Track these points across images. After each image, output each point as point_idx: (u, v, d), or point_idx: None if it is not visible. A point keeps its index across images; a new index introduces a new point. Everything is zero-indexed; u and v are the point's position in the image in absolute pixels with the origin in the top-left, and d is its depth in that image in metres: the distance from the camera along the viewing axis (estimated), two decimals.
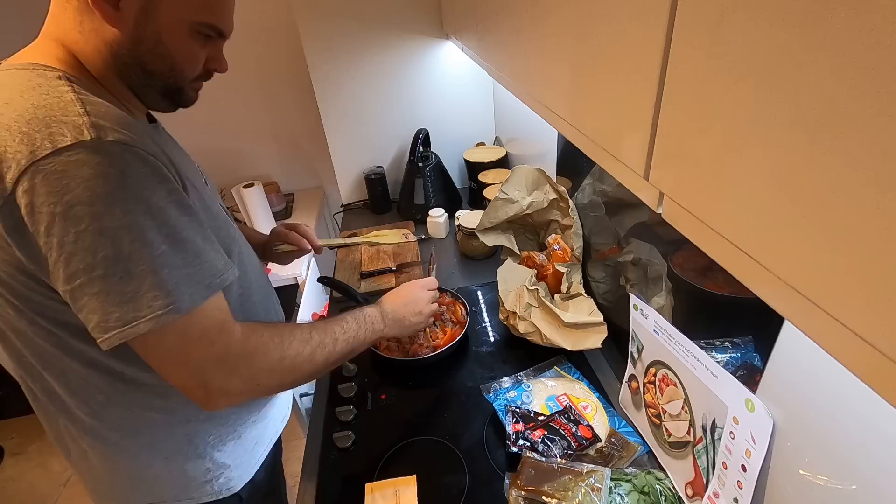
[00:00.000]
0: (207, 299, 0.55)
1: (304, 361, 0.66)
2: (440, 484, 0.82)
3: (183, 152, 0.74)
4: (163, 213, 0.52)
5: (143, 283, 0.50)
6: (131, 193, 0.49)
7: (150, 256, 0.50)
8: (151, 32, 0.56)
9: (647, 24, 0.33)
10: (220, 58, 0.66)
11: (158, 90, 0.62)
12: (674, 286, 0.74)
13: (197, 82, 0.65)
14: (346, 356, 0.73)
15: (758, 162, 0.25)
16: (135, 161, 0.50)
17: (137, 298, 0.50)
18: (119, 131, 0.50)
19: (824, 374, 0.47)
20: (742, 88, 0.26)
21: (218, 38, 0.63)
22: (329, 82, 1.61)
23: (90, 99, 0.51)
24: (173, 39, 0.57)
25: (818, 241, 0.22)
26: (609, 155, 0.43)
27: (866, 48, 0.18)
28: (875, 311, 0.20)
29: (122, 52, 0.56)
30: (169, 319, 0.51)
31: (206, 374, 0.57)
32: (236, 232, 0.72)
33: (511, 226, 1.21)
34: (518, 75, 0.70)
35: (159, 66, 0.59)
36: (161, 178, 0.52)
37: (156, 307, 0.51)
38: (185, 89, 0.64)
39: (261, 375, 0.62)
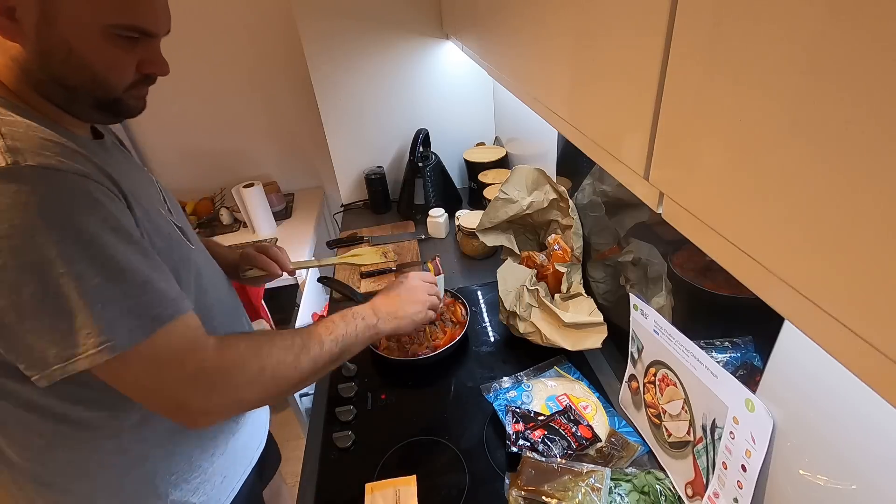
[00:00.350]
0: (156, 331, 0.50)
1: (288, 369, 0.61)
2: (440, 484, 0.82)
3: (135, 168, 0.69)
4: (95, 241, 0.47)
5: (76, 320, 0.46)
6: (56, 223, 0.45)
7: (81, 291, 0.46)
8: (59, 42, 0.49)
9: (647, 24, 0.33)
10: (157, 59, 0.58)
11: (89, 104, 0.56)
12: (674, 286, 0.74)
13: (135, 90, 0.58)
14: (338, 357, 0.68)
15: (758, 162, 0.25)
16: (60, 187, 0.46)
17: (73, 334, 0.46)
18: (40, 154, 0.46)
19: (824, 374, 0.47)
20: (742, 88, 0.26)
21: (146, 39, 0.55)
22: (329, 82, 1.61)
23: (6, 119, 0.47)
24: (87, 47, 0.50)
25: (818, 241, 0.22)
26: (609, 155, 0.43)
27: (865, 49, 0.18)
28: (875, 312, 0.20)
29: (32, 69, 0.50)
30: (105, 357, 0.47)
31: (183, 396, 0.54)
32: (191, 253, 0.67)
33: (511, 226, 1.21)
34: (518, 75, 0.70)
35: (78, 79, 0.52)
36: (93, 203, 0.48)
37: (90, 345, 0.47)
38: (123, 99, 0.57)
39: (241, 390, 0.57)
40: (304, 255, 1.70)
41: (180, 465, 0.69)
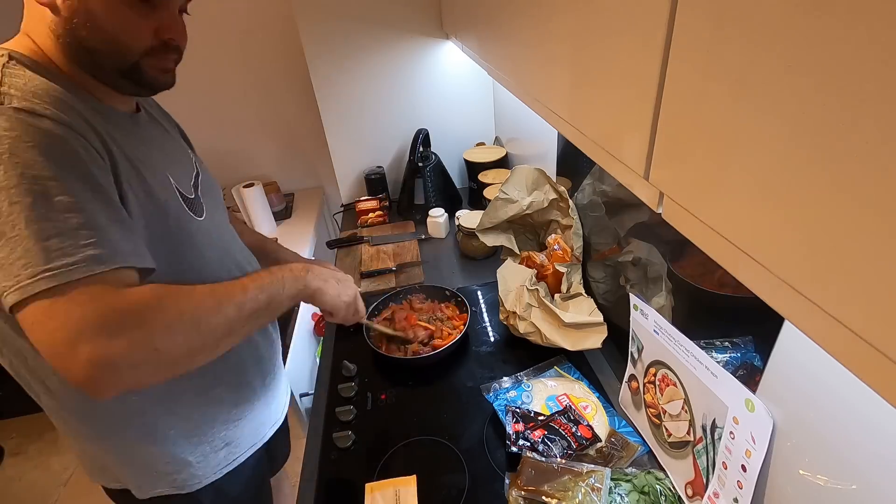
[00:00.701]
0: (95, 275, 0.49)
1: (209, 313, 0.56)
2: (440, 484, 0.82)
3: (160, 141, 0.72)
4: (55, 181, 0.49)
5: (16, 249, 0.46)
6: (23, 158, 0.48)
7: (27, 220, 0.47)
8: (82, 8, 0.54)
9: (647, 24, 0.33)
10: (174, 26, 0.61)
11: (112, 70, 0.59)
12: (674, 286, 0.74)
13: (155, 58, 0.61)
14: (266, 307, 0.63)
15: (757, 162, 0.25)
16: (37, 128, 0.49)
17: (8, 265, 0.46)
18: (28, 100, 0.50)
19: (824, 374, 0.47)
20: (741, 89, 0.26)
21: (162, 4, 0.59)
22: (329, 82, 1.61)
23: (16, 72, 0.52)
24: (107, 12, 0.55)
25: (818, 241, 0.22)
26: (609, 155, 0.43)
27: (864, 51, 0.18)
28: (875, 311, 0.20)
29: (61, 34, 0.55)
30: (37, 289, 0.46)
31: (82, 339, 0.47)
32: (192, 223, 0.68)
33: (511, 226, 1.21)
34: (518, 75, 0.70)
35: (99, 43, 0.56)
36: (66, 149, 0.51)
37: (23, 276, 0.46)
38: (142, 67, 0.60)
39: (155, 335, 0.51)
40: (305, 254, 1.69)
41: (180, 423, 0.72)
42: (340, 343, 1.17)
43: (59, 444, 2.08)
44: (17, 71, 0.53)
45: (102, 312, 0.48)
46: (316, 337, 1.84)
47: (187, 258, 0.66)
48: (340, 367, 1.06)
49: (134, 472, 0.74)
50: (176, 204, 0.66)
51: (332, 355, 1.13)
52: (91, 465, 0.76)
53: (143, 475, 0.74)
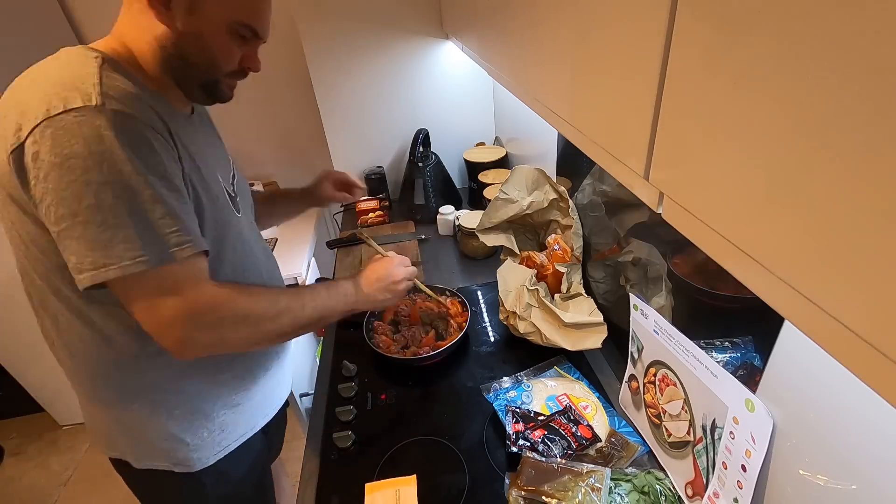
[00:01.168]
0: (178, 258, 0.59)
1: (269, 321, 0.69)
2: (440, 484, 0.82)
3: (210, 140, 0.81)
4: (146, 177, 0.57)
5: (118, 234, 0.56)
6: (121, 155, 0.55)
7: (128, 211, 0.56)
8: (195, 28, 0.63)
9: (647, 24, 0.33)
10: (255, 58, 0.72)
11: (197, 82, 0.68)
12: (674, 286, 0.74)
13: (232, 79, 0.72)
14: (316, 323, 0.76)
15: (757, 162, 0.25)
16: (131, 129, 0.57)
17: (111, 247, 0.56)
18: (123, 103, 0.57)
19: (824, 374, 0.47)
20: (741, 89, 0.26)
21: (253, 39, 0.69)
22: (329, 82, 1.61)
23: (112, 76, 0.59)
24: (213, 36, 0.64)
25: (818, 241, 0.22)
26: (609, 155, 0.43)
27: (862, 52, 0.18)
28: (875, 311, 0.20)
29: (168, 45, 0.63)
30: (137, 269, 0.56)
31: (175, 325, 0.61)
32: (234, 217, 0.76)
33: (511, 226, 1.21)
34: (518, 75, 0.70)
35: (199, 58, 0.65)
36: (152, 149, 0.58)
37: (126, 258, 0.56)
38: (221, 84, 0.71)
39: (225, 329, 0.65)
40: (304, 254, 1.69)
41: (183, 404, 0.76)
42: (340, 343, 1.17)
43: (59, 445, 2.08)
44: (111, 73, 0.59)
45: (190, 306, 0.61)
46: (316, 337, 1.84)
47: (225, 248, 0.73)
48: (340, 367, 1.06)
49: (133, 443, 0.78)
50: (223, 199, 0.74)
51: (332, 355, 1.13)
52: (96, 432, 0.81)
53: (142, 447, 0.78)
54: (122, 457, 0.80)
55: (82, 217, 0.55)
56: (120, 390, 0.74)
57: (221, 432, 0.81)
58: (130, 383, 0.73)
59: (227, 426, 0.82)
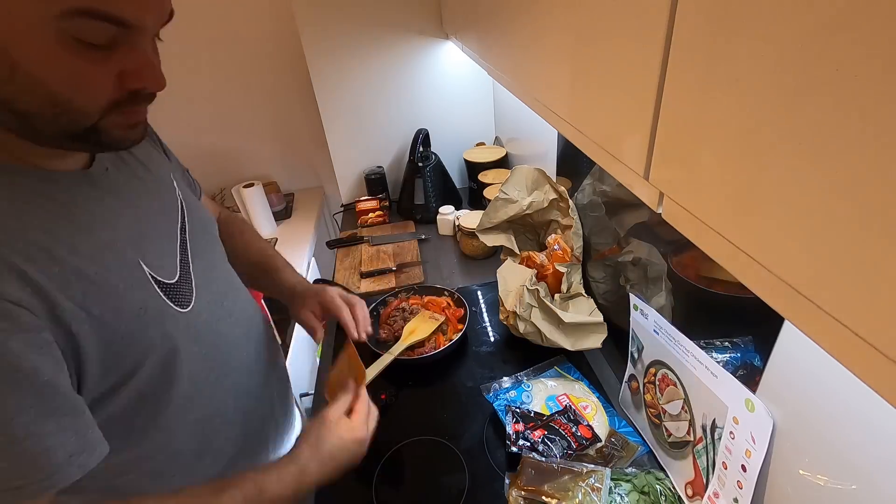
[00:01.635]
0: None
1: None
2: (440, 484, 0.82)
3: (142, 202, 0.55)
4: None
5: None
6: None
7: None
8: (2, 60, 0.36)
9: (648, 24, 0.33)
10: (145, 67, 0.41)
11: (57, 134, 0.41)
12: (674, 286, 0.74)
13: (122, 115, 0.43)
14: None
15: (757, 162, 0.25)
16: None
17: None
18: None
19: (824, 374, 0.47)
20: (741, 88, 0.26)
21: (123, 36, 0.39)
22: (329, 82, 1.61)
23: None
24: (36, 58, 0.36)
25: (818, 241, 0.22)
26: (609, 155, 0.43)
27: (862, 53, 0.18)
28: (875, 311, 0.20)
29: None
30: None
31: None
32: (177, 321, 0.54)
33: (511, 226, 1.21)
34: (518, 75, 0.70)
35: (32, 103, 0.38)
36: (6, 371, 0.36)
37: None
38: (103, 127, 0.42)
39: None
40: (305, 254, 1.70)
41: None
42: (340, 343, 1.16)
43: None
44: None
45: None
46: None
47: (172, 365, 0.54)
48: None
49: None
50: (154, 304, 0.52)
51: (332, 355, 1.13)
52: None
53: None
54: None
55: None
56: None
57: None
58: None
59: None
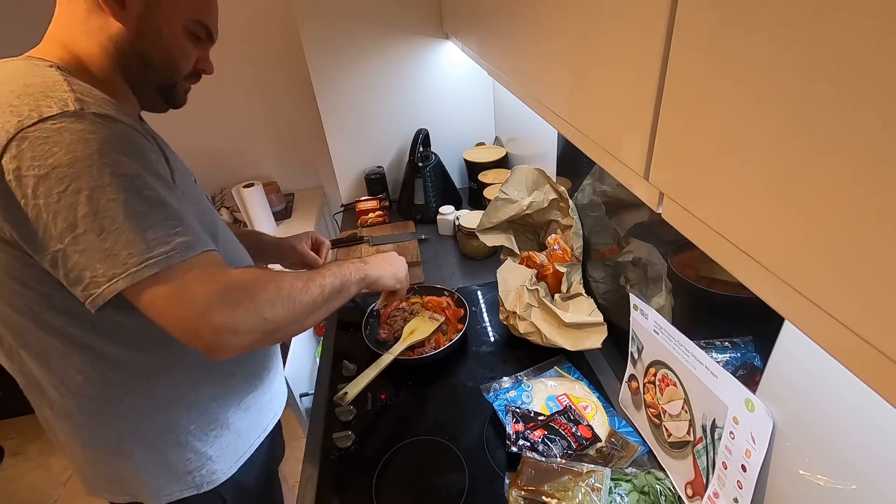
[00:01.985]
0: (187, 257, 0.55)
1: (300, 292, 0.66)
2: (440, 484, 0.82)
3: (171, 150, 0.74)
4: (141, 178, 0.54)
5: (119, 241, 0.51)
6: (110, 158, 0.52)
7: (126, 215, 0.52)
8: (153, 27, 0.61)
9: (648, 24, 0.33)
10: (208, 59, 0.71)
11: (154, 85, 0.66)
12: (674, 286, 0.74)
13: (187, 82, 0.70)
14: (338, 291, 0.73)
15: (757, 162, 0.25)
16: (115, 131, 0.53)
17: (114, 255, 0.51)
18: (101, 106, 0.54)
19: (824, 374, 0.47)
20: (741, 89, 0.26)
21: (207, 40, 0.68)
22: (329, 82, 1.61)
23: (77, 81, 0.56)
24: (171, 35, 0.63)
25: (817, 241, 0.22)
26: (609, 155, 0.43)
27: (862, 53, 0.18)
28: (874, 311, 0.20)
29: (125, 46, 0.61)
30: (147, 274, 0.52)
31: (211, 310, 0.55)
32: (217, 219, 0.75)
33: (511, 226, 1.21)
34: (518, 75, 0.70)
35: (158, 58, 0.63)
36: (140, 150, 0.56)
37: (131, 264, 0.52)
38: (177, 87, 0.69)
39: (264, 306, 0.60)
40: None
41: (200, 416, 0.74)
42: (340, 343, 1.17)
43: None
44: (74, 80, 0.56)
45: (221, 289, 0.57)
46: (316, 337, 1.84)
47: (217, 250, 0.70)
48: (340, 367, 1.06)
49: (151, 478, 0.74)
50: (206, 201, 0.74)
51: (332, 355, 1.13)
52: (95, 477, 0.75)
53: (162, 479, 0.74)
54: (134, 499, 0.76)
55: (82, 228, 0.51)
56: (130, 420, 0.69)
57: (238, 438, 0.80)
58: (140, 409, 0.69)
59: (242, 431, 0.81)
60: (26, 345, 0.63)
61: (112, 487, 0.75)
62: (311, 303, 0.67)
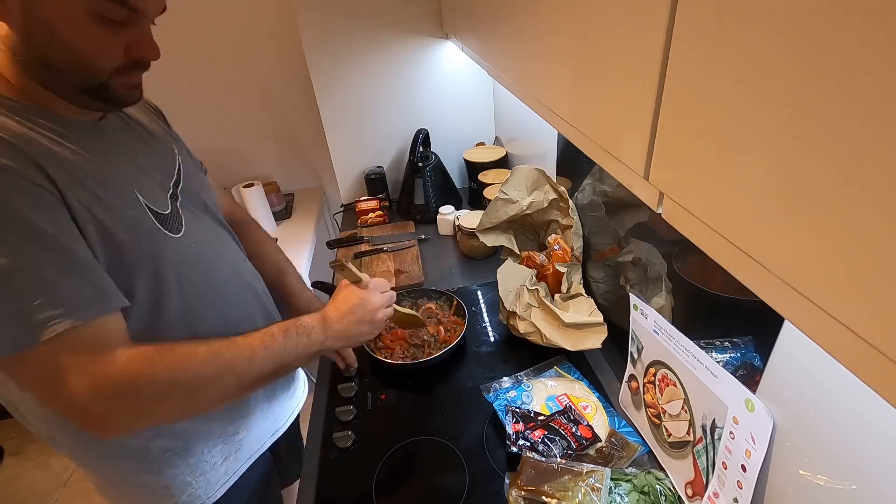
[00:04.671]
0: (48, 337, 0.48)
1: (207, 384, 0.58)
2: (440, 484, 0.82)
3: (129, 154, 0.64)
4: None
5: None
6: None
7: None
8: (41, 23, 0.49)
9: (648, 24, 0.33)
10: (146, 42, 0.55)
11: (76, 88, 0.54)
12: (674, 286, 0.74)
13: (125, 76, 0.56)
14: (272, 375, 0.64)
15: (757, 162, 0.25)
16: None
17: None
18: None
19: (824, 374, 0.47)
20: (741, 88, 0.26)
21: (131, 18, 0.53)
22: (329, 82, 1.61)
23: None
24: (71, 28, 0.49)
25: (817, 241, 0.22)
26: (609, 155, 0.43)
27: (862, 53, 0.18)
28: (874, 311, 0.20)
29: (18, 49, 0.51)
30: (6, 356, 0.47)
31: (84, 405, 0.50)
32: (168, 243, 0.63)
33: (511, 226, 1.21)
34: (518, 75, 0.70)
35: (62, 60, 0.51)
36: (2, 202, 0.46)
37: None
38: (110, 86, 0.55)
39: (150, 403, 0.55)
40: (305, 254, 1.69)
41: (173, 442, 0.69)
42: None
43: None
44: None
45: (94, 384, 0.50)
46: None
47: (164, 280, 0.62)
48: (340, 367, 1.06)
49: (136, 498, 0.73)
50: (148, 224, 0.61)
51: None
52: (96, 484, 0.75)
53: (148, 500, 0.73)
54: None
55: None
56: (99, 450, 0.66)
57: (225, 461, 0.77)
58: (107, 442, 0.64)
59: (230, 454, 0.77)
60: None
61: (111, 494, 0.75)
62: (220, 395, 0.60)
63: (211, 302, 0.69)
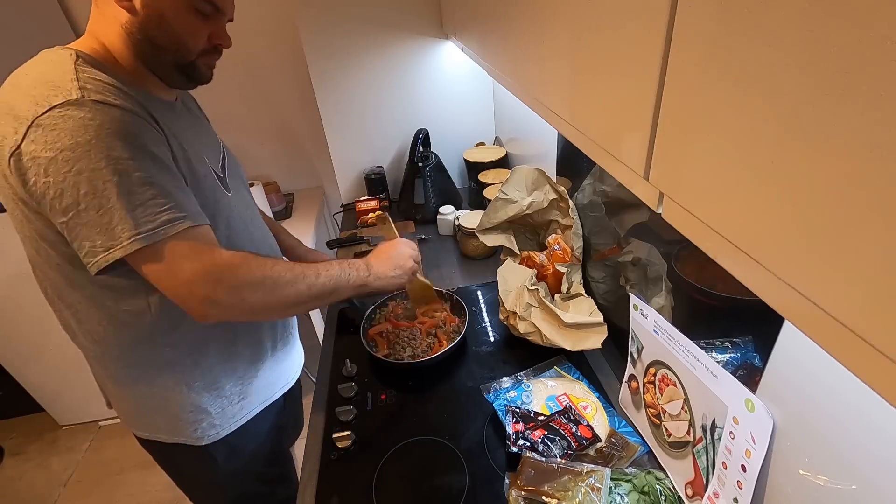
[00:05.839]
0: (173, 233, 0.62)
1: (286, 284, 0.71)
2: (440, 484, 0.82)
3: (195, 126, 0.82)
4: (132, 160, 0.60)
5: (115, 217, 0.59)
6: (105, 143, 0.58)
7: (120, 194, 0.59)
8: (155, 11, 0.65)
9: (648, 23, 0.33)
10: (223, 34, 0.74)
11: (171, 65, 0.71)
12: (674, 286, 0.74)
13: (207, 58, 0.73)
14: (330, 293, 0.78)
15: (757, 162, 0.25)
16: (112, 116, 0.59)
17: (111, 229, 0.59)
18: (102, 94, 0.60)
19: (824, 374, 0.47)
20: (741, 88, 0.26)
21: (216, 15, 0.71)
22: (329, 82, 1.61)
23: (86, 70, 0.62)
24: (175, 16, 0.66)
25: (817, 241, 0.22)
26: (609, 155, 0.43)
27: (862, 53, 0.18)
28: (874, 311, 0.20)
29: (134, 31, 0.66)
30: (136, 247, 0.60)
31: (195, 283, 0.64)
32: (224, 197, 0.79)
33: (511, 226, 1.21)
34: (518, 75, 0.70)
35: (166, 41, 0.67)
36: (134, 133, 0.61)
37: (123, 238, 0.60)
38: (196, 64, 0.72)
39: (244, 288, 0.67)
40: None
41: (203, 376, 0.82)
42: (340, 343, 1.17)
43: (58, 445, 2.08)
44: (86, 68, 0.62)
45: (205, 265, 0.64)
46: None
47: (219, 226, 0.75)
48: (340, 367, 1.06)
49: (161, 419, 0.84)
50: (211, 179, 0.77)
51: (332, 355, 1.13)
52: (126, 413, 0.86)
53: (171, 423, 0.84)
54: (152, 436, 0.86)
55: (84, 205, 0.58)
56: (142, 368, 0.78)
57: (242, 400, 0.87)
58: (150, 361, 0.78)
59: (246, 395, 0.88)
60: (61, 297, 0.73)
61: (135, 422, 0.86)
62: (294, 296, 0.73)
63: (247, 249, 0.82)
